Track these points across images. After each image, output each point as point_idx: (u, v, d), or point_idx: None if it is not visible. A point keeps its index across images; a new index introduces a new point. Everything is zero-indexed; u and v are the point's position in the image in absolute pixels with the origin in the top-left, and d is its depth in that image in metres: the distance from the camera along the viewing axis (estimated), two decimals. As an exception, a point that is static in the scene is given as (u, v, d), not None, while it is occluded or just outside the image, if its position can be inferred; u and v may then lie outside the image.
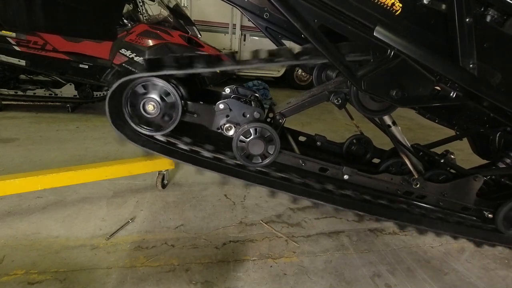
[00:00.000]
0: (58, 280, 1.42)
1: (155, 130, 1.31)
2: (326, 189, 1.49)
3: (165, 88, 1.24)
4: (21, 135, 3.14)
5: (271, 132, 1.30)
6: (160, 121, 1.30)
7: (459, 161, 1.71)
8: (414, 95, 1.25)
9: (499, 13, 1.22)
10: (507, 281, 1.70)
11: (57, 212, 1.93)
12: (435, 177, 1.65)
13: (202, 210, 2.08)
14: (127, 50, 3.58)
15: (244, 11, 1.63)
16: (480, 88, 1.23)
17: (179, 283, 1.46)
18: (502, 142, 1.76)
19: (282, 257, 1.70)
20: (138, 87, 1.24)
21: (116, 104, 1.25)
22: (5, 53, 3.46)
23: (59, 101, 3.98)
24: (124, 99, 1.25)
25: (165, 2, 4.26)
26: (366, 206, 1.54)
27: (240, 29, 7.14)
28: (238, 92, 1.50)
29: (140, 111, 1.26)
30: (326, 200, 1.47)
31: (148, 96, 1.25)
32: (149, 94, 1.25)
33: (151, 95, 1.25)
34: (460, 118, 1.87)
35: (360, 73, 1.19)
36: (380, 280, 1.60)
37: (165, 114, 1.28)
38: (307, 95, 1.47)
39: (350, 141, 1.91)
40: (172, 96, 1.25)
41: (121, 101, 1.25)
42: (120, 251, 1.64)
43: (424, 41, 1.19)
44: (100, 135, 3.32)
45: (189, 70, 1.21)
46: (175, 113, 1.27)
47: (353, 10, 1.14)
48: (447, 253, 1.88)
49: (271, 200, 2.26)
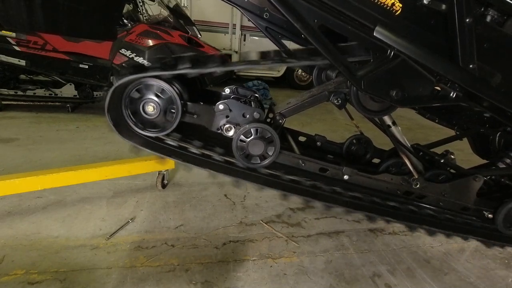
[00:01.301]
0: (58, 280, 1.42)
1: (156, 131, 1.32)
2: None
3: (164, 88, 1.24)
4: (21, 135, 3.14)
5: (272, 134, 1.31)
6: (159, 122, 1.30)
7: (459, 161, 1.71)
8: (414, 95, 1.25)
9: (499, 13, 1.22)
10: (507, 281, 1.70)
11: (57, 212, 1.93)
12: (435, 177, 1.65)
13: (202, 210, 2.08)
14: (127, 50, 3.58)
15: (244, 11, 1.62)
16: (480, 89, 1.24)
17: (179, 283, 1.47)
18: (502, 142, 1.76)
19: (282, 257, 1.70)
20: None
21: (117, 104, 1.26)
22: (5, 53, 3.46)
23: (59, 101, 3.98)
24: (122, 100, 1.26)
25: (165, 2, 4.26)
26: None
27: (240, 29, 7.14)
28: (238, 93, 1.50)
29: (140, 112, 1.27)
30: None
31: (147, 97, 1.25)
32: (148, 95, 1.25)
33: (151, 96, 1.25)
34: (460, 118, 1.87)
35: (360, 73, 1.19)
36: (380, 280, 1.61)
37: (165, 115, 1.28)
38: (307, 95, 1.47)
39: (350, 141, 1.91)
40: (172, 96, 1.25)
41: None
42: (120, 251, 1.64)
43: (424, 41, 1.19)
44: (100, 135, 3.32)
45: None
46: (175, 114, 1.28)
47: (353, 10, 1.14)
48: (447, 253, 1.88)
49: (271, 200, 2.26)
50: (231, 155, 1.36)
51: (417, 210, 1.60)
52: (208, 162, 1.38)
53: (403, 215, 1.58)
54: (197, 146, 1.38)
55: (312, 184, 1.46)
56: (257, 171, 1.42)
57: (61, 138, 3.18)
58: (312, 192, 1.47)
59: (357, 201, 1.53)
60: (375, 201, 1.54)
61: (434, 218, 1.63)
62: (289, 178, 1.44)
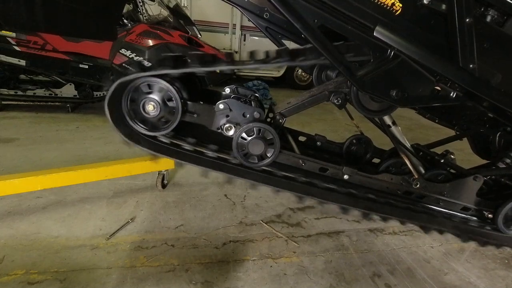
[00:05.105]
0: (58, 280, 1.42)
1: (155, 130, 1.32)
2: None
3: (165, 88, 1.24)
4: (21, 135, 3.14)
5: (273, 135, 1.31)
6: (159, 122, 1.30)
7: (459, 161, 1.72)
8: (414, 95, 1.25)
9: (499, 13, 1.22)
10: (507, 281, 1.70)
11: (57, 212, 1.93)
12: (435, 177, 1.65)
13: (202, 210, 2.08)
14: (127, 50, 3.58)
15: (244, 11, 1.63)
16: (480, 89, 1.24)
17: (179, 283, 1.47)
18: (502, 142, 1.76)
19: (282, 257, 1.70)
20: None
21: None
22: (5, 53, 3.47)
23: (59, 101, 3.98)
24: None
25: (165, 2, 4.26)
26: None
27: (240, 29, 7.14)
28: (238, 92, 1.50)
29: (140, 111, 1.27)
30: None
31: (148, 97, 1.25)
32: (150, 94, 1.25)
33: (152, 95, 1.25)
34: (460, 118, 1.87)
35: (360, 73, 1.19)
36: (380, 280, 1.61)
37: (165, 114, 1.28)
38: (307, 95, 1.47)
39: (350, 141, 1.91)
40: (172, 97, 1.25)
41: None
42: (120, 251, 1.64)
43: (424, 41, 1.19)
44: (100, 135, 3.32)
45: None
46: (175, 113, 1.28)
47: (353, 10, 1.14)
48: (447, 253, 1.88)
49: (271, 200, 2.26)
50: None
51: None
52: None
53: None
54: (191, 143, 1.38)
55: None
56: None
57: (61, 138, 3.18)
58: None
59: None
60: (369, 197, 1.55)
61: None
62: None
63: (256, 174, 1.43)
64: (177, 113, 1.27)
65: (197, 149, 1.38)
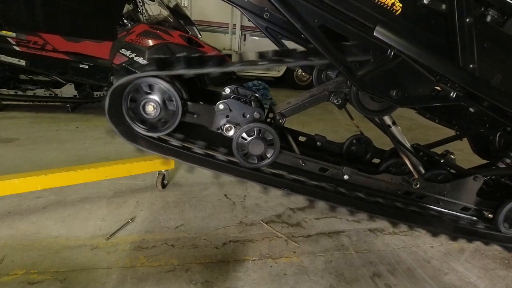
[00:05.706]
0: (58, 280, 1.42)
1: (155, 131, 1.32)
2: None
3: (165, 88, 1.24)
4: (21, 135, 3.13)
5: (273, 136, 1.31)
6: (159, 122, 1.30)
7: (459, 161, 1.72)
8: (414, 95, 1.25)
9: (499, 13, 1.22)
10: (507, 281, 1.70)
11: (57, 212, 1.93)
12: (435, 177, 1.65)
13: (202, 210, 2.08)
14: (127, 50, 3.58)
15: (244, 11, 1.63)
16: (480, 88, 1.24)
17: (179, 283, 1.46)
18: (502, 142, 1.76)
19: (282, 257, 1.70)
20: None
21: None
22: (5, 53, 3.46)
23: (59, 101, 3.98)
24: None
25: (165, 2, 4.26)
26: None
27: (240, 29, 7.13)
28: (238, 92, 1.50)
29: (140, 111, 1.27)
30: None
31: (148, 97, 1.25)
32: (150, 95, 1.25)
33: (152, 96, 1.25)
34: (460, 118, 1.87)
35: (360, 73, 1.19)
36: (380, 280, 1.60)
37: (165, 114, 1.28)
38: (307, 95, 1.47)
39: (350, 141, 1.91)
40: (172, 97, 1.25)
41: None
42: (120, 251, 1.64)
43: (424, 41, 1.19)
44: (100, 135, 3.31)
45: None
46: (175, 113, 1.28)
47: (353, 10, 1.14)
48: (447, 253, 1.88)
49: (271, 200, 2.26)
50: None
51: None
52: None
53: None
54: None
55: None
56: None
57: (61, 138, 3.18)
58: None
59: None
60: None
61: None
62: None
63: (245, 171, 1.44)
64: (177, 114, 1.27)
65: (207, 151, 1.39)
